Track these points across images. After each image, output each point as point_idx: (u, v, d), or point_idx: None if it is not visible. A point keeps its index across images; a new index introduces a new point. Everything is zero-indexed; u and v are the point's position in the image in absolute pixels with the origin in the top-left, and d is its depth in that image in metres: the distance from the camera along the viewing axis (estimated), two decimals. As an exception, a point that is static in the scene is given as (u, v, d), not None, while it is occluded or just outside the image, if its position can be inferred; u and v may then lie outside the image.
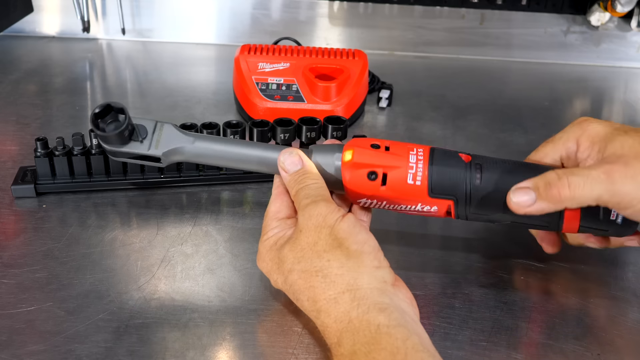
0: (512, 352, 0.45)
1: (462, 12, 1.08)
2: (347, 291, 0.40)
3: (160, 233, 0.57)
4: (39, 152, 0.60)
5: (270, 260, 0.46)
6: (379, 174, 0.46)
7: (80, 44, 1.08)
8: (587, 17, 1.07)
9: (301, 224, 0.43)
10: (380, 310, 0.39)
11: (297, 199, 0.45)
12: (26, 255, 0.53)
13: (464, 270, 0.54)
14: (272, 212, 0.48)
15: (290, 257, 0.43)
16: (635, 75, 1.08)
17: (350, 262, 0.41)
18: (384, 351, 0.36)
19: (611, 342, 0.46)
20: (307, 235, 0.43)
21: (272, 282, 0.46)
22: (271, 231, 0.47)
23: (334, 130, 0.63)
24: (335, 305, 0.40)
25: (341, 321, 0.39)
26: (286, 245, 0.44)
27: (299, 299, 0.43)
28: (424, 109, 0.88)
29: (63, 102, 0.85)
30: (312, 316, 0.42)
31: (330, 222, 0.42)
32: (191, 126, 0.61)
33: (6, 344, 0.43)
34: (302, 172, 0.46)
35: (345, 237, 0.42)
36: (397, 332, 0.37)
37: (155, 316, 0.47)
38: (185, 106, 0.85)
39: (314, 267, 0.41)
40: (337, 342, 0.39)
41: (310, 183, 0.46)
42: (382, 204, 0.48)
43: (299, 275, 0.42)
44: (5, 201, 0.60)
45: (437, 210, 0.47)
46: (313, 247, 0.42)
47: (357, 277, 0.40)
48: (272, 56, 0.81)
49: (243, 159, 0.50)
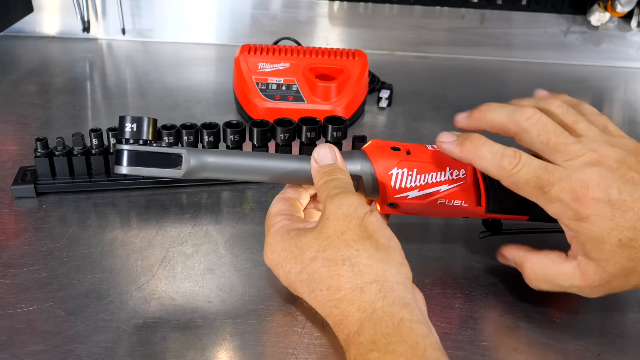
0: (512, 352, 0.45)
1: (462, 12, 1.08)
2: (375, 282, 0.40)
3: (160, 233, 0.57)
4: (39, 152, 0.60)
5: (282, 250, 0.45)
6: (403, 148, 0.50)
7: (80, 44, 1.08)
8: (587, 17, 1.07)
9: (329, 211, 0.43)
10: (403, 305, 0.39)
11: (326, 188, 0.45)
12: (26, 255, 0.53)
13: (464, 270, 0.54)
14: (276, 209, 0.48)
15: (315, 245, 0.42)
16: (635, 75, 1.08)
17: (379, 254, 0.41)
18: (404, 344, 0.36)
19: (611, 342, 0.46)
20: (334, 223, 0.42)
21: (282, 274, 0.45)
22: (279, 223, 0.46)
23: (334, 130, 0.63)
24: (361, 294, 0.40)
25: (364, 310, 0.39)
26: (308, 233, 0.43)
27: (316, 288, 0.42)
28: (424, 109, 0.88)
29: (63, 102, 0.85)
30: (328, 306, 0.41)
31: (360, 213, 0.42)
32: (191, 126, 0.61)
33: (6, 344, 0.43)
34: (335, 165, 0.47)
35: (374, 230, 0.42)
36: (417, 328, 0.38)
37: (155, 316, 0.47)
38: (185, 106, 0.85)
39: (340, 255, 0.41)
40: (357, 331, 0.38)
41: (341, 177, 0.46)
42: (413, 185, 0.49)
43: (322, 263, 0.42)
44: (5, 201, 0.60)
45: (466, 174, 0.48)
46: (341, 236, 0.42)
47: (386, 270, 0.40)
48: (272, 56, 0.81)
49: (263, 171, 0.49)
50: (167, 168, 0.46)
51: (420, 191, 0.49)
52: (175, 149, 0.47)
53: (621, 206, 0.41)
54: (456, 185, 0.49)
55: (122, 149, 0.46)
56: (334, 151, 0.48)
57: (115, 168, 0.46)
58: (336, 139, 0.63)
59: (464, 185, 0.49)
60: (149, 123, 0.46)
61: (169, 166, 0.46)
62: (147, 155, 0.46)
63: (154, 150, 0.46)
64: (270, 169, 0.49)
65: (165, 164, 0.46)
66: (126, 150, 0.46)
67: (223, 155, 0.48)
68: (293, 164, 0.49)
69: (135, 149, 0.46)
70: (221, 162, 0.48)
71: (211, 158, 0.48)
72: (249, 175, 0.49)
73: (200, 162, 0.47)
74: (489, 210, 0.50)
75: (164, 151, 0.46)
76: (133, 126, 0.46)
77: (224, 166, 0.48)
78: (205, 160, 0.47)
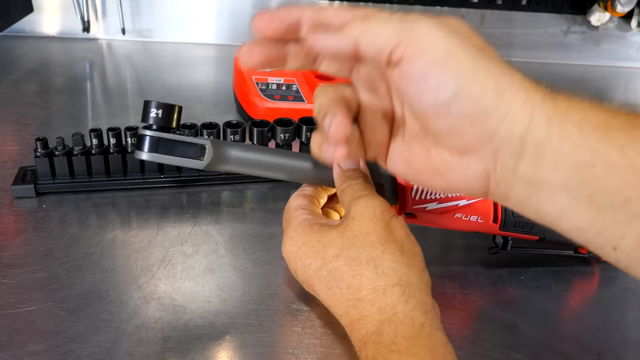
0: (512, 352, 0.45)
1: (462, 12, 1.08)
2: (398, 285, 0.40)
3: (160, 233, 0.57)
4: (39, 152, 0.60)
5: (304, 243, 0.44)
6: None
7: (80, 44, 1.08)
8: (587, 17, 1.07)
9: (355, 212, 0.43)
10: (424, 312, 0.39)
11: (350, 191, 0.45)
12: (26, 255, 0.53)
13: (464, 270, 0.54)
14: (296, 204, 0.48)
15: (339, 243, 0.42)
16: (635, 75, 1.08)
17: (403, 258, 0.41)
18: (424, 348, 0.36)
19: (611, 342, 0.46)
20: (360, 223, 0.42)
21: (300, 268, 0.44)
22: (300, 216, 0.46)
23: (334, 130, 0.63)
24: (383, 296, 0.39)
25: (385, 312, 0.39)
26: (332, 230, 0.43)
27: (335, 286, 0.42)
28: (424, 109, 0.88)
29: (63, 102, 0.85)
30: (345, 305, 0.41)
31: (387, 217, 0.42)
32: (191, 126, 0.61)
33: (6, 344, 0.43)
34: (359, 171, 0.47)
35: (400, 235, 0.42)
36: (437, 335, 0.38)
37: (155, 316, 0.47)
38: (186, 106, 0.84)
39: (365, 255, 0.41)
40: (377, 331, 0.38)
41: (365, 182, 0.46)
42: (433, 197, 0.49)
43: (345, 262, 0.41)
44: (5, 201, 0.60)
45: None
46: (366, 237, 0.42)
47: (410, 274, 0.40)
48: (272, 56, 0.81)
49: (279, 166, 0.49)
50: (190, 158, 0.45)
51: (439, 204, 0.49)
52: (199, 139, 0.46)
53: None
54: (474, 200, 0.49)
55: (144, 134, 0.44)
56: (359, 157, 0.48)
57: (135, 153, 0.45)
58: (336, 139, 0.63)
59: (481, 202, 0.49)
60: (175, 110, 0.45)
61: (192, 156, 0.45)
62: (171, 143, 0.45)
63: (178, 138, 0.45)
64: (292, 167, 0.48)
65: (188, 154, 0.45)
66: (149, 135, 0.44)
67: (246, 150, 0.48)
68: (315, 165, 0.49)
69: (159, 135, 0.44)
70: (244, 156, 0.47)
71: (235, 152, 0.47)
72: (270, 172, 0.49)
73: (223, 154, 0.46)
74: (503, 227, 0.50)
75: (188, 140, 0.45)
76: (159, 112, 0.45)
77: (246, 160, 0.47)
78: (229, 153, 0.47)
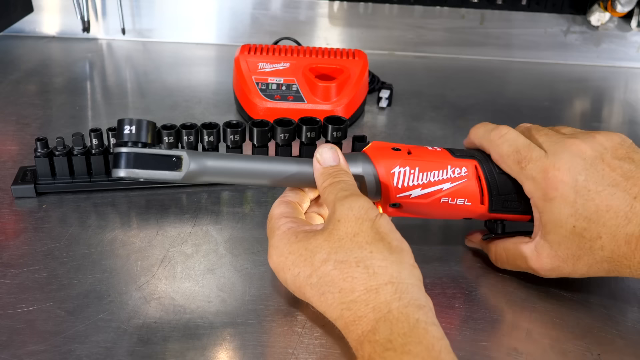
0: (512, 352, 0.45)
1: (462, 12, 1.08)
2: (390, 283, 0.40)
3: (160, 233, 0.57)
4: (39, 152, 0.60)
5: (290, 253, 0.44)
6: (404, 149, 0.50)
7: (80, 44, 1.08)
8: (587, 17, 1.07)
9: (340, 214, 0.43)
10: (418, 307, 0.39)
11: (332, 190, 0.45)
12: (26, 255, 0.53)
13: (464, 270, 0.54)
14: (279, 212, 0.48)
15: (326, 247, 0.42)
16: (635, 75, 1.08)
17: (392, 256, 0.41)
18: (420, 345, 0.37)
19: (611, 342, 0.46)
20: (346, 225, 0.42)
21: (289, 278, 0.44)
22: (284, 225, 0.46)
23: (334, 130, 0.63)
24: (376, 296, 0.39)
25: (379, 310, 0.39)
26: (317, 235, 0.43)
27: (327, 291, 0.41)
28: (424, 109, 0.88)
29: (63, 102, 0.85)
30: (339, 309, 0.41)
31: (372, 216, 0.42)
32: (191, 126, 0.61)
33: (6, 344, 0.43)
34: (339, 168, 0.47)
35: (386, 233, 0.42)
36: (433, 330, 0.38)
37: (155, 316, 0.47)
38: (185, 106, 0.85)
39: (354, 257, 0.41)
40: (372, 330, 0.38)
41: (347, 179, 0.46)
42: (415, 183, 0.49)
43: (334, 266, 0.41)
44: (5, 201, 0.60)
45: (467, 173, 0.49)
46: (353, 238, 0.42)
47: (400, 271, 0.40)
48: (272, 56, 0.81)
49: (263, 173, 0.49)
50: (167, 170, 0.46)
51: (422, 190, 0.49)
52: (174, 151, 0.46)
53: (584, 194, 0.44)
54: (458, 183, 0.49)
55: (120, 151, 0.45)
56: (336, 152, 0.47)
57: (113, 172, 0.45)
58: (336, 139, 0.63)
59: (466, 183, 0.49)
60: (148, 126, 0.46)
61: (169, 168, 0.46)
62: (146, 157, 0.45)
63: (153, 152, 0.45)
64: (271, 172, 0.48)
65: (164, 167, 0.45)
66: (124, 152, 0.45)
67: (224, 159, 0.48)
68: (294, 167, 0.49)
69: (133, 151, 0.45)
70: (222, 165, 0.47)
71: (211, 161, 0.47)
72: (250, 179, 0.49)
73: (200, 165, 0.46)
74: (492, 209, 0.50)
75: (163, 153, 0.45)
76: (132, 129, 0.45)
77: (224, 170, 0.48)
78: (206, 163, 0.47)
